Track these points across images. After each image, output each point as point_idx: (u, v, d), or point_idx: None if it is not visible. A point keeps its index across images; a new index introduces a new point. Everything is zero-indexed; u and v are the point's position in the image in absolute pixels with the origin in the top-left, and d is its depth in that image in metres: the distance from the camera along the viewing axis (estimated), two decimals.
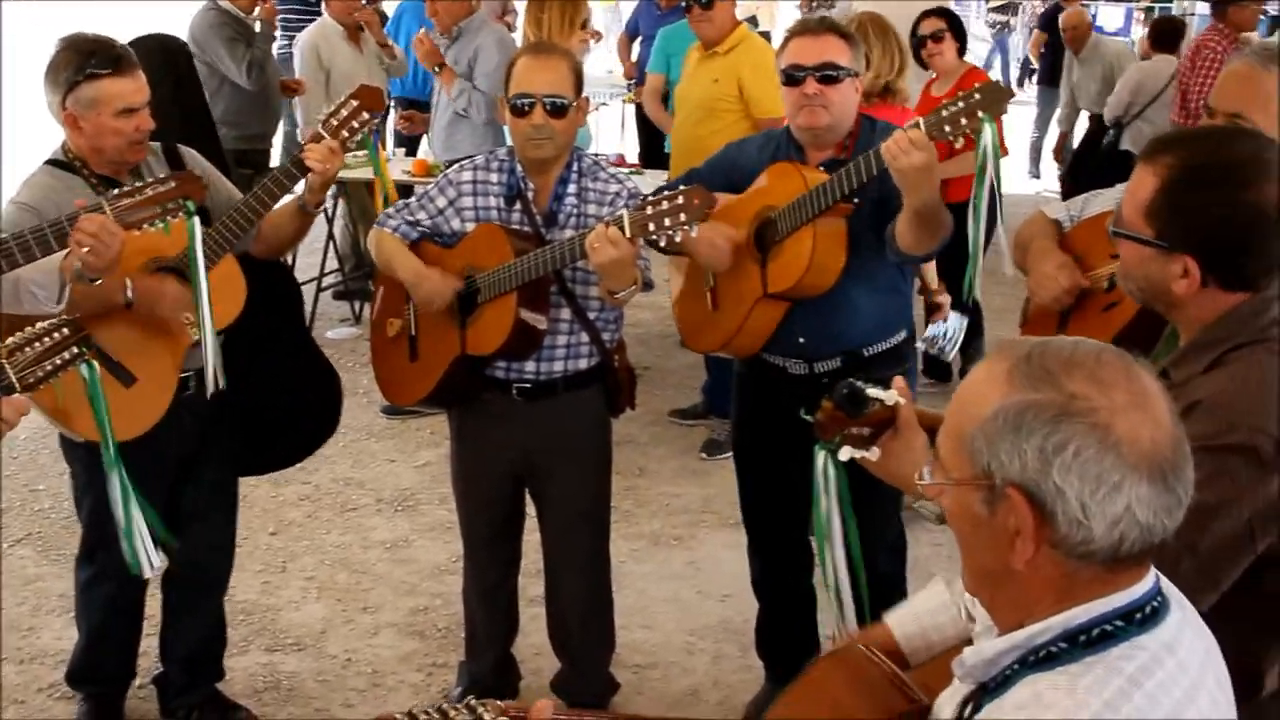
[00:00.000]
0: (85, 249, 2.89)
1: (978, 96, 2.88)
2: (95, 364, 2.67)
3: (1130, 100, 8.32)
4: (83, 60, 3.20)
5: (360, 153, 7.19)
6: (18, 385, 2.47)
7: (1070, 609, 1.42)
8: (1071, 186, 9.11)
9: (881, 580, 3.54)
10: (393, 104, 8.04)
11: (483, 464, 3.64)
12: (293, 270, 7.29)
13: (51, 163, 3.33)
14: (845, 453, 2.05)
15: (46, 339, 2.53)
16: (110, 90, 3.19)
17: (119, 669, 3.77)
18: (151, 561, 3.07)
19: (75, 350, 2.57)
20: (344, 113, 3.34)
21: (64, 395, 2.78)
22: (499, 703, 1.48)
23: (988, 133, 2.88)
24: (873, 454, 2.04)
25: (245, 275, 3.35)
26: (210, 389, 3.25)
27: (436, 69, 6.32)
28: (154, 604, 3.81)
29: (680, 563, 4.92)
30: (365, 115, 3.35)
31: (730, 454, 4.03)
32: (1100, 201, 3.03)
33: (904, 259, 3.30)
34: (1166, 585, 1.50)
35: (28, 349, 2.50)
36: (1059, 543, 1.40)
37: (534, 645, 4.11)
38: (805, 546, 3.86)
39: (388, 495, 5.44)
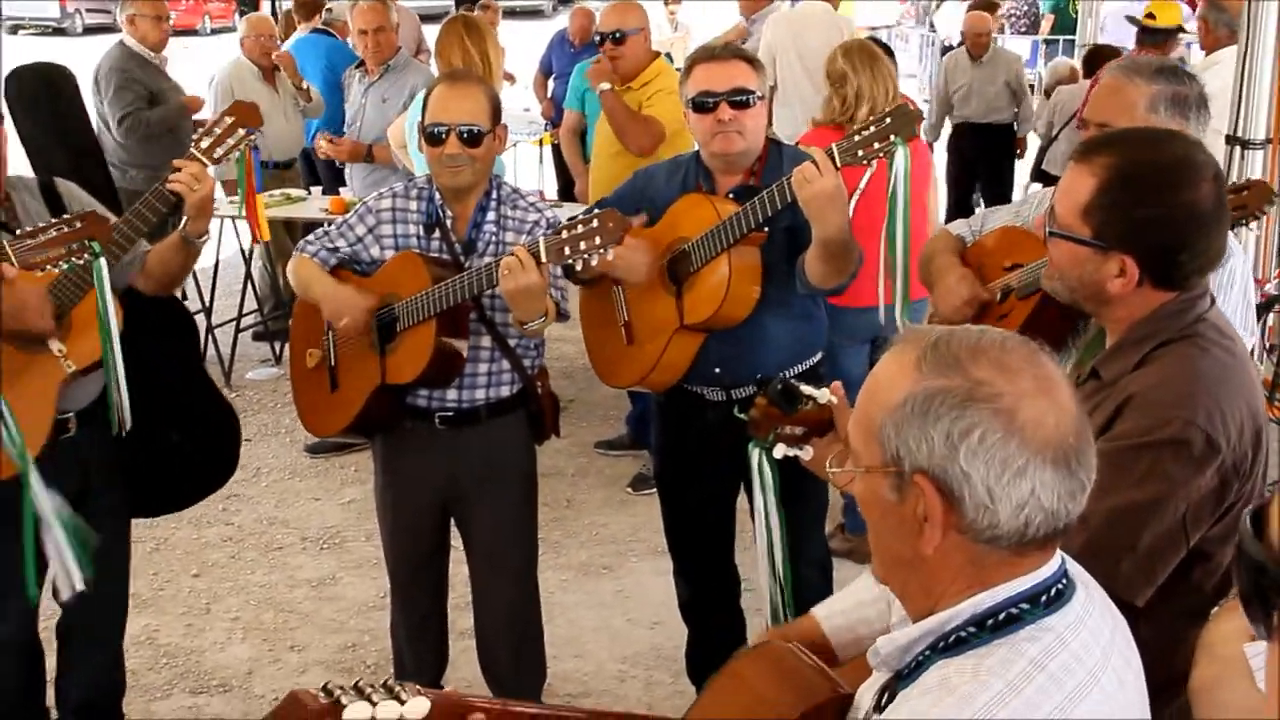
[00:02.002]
0: None
1: (889, 120, 2.90)
2: None
3: (1050, 120, 8.63)
4: None
5: (276, 192, 7.22)
6: None
7: (979, 594, 1.44)
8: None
9: (806, 594, 3.57)
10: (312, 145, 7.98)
11: (408, 494, 3.62)
12: (187, 308, 7.24)
13: None
14: (779, 450, 2.07)
15: None
16: None
17: (26, 717, 3.65)
18: (74, 580, 3.00)
19: None
20: (218, 130, 3.20)
21: None
22: (417, 686, 1.46)
23: (900, 155, 2.90)
24: (805, 453, 2.06)
25: (135, 312, 3.23)
26: (115, 428, 3.14)
27: (367, 155, 6.33)
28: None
29: (609, 591, 4.92)
30: (241, 132, 3.21)
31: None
32: (999, 217, 3.10)
33: (813, 292, 3.32)
34: (1073, 567, 1.53)
35: None
36: (966, 528, 1.42)
37: (464, 678, 4.08)
38: (732, 569, 3.89)
39: (313, 533, 5.39)
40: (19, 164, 3.33)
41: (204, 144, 3.20)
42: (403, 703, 1.42)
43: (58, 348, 3.09)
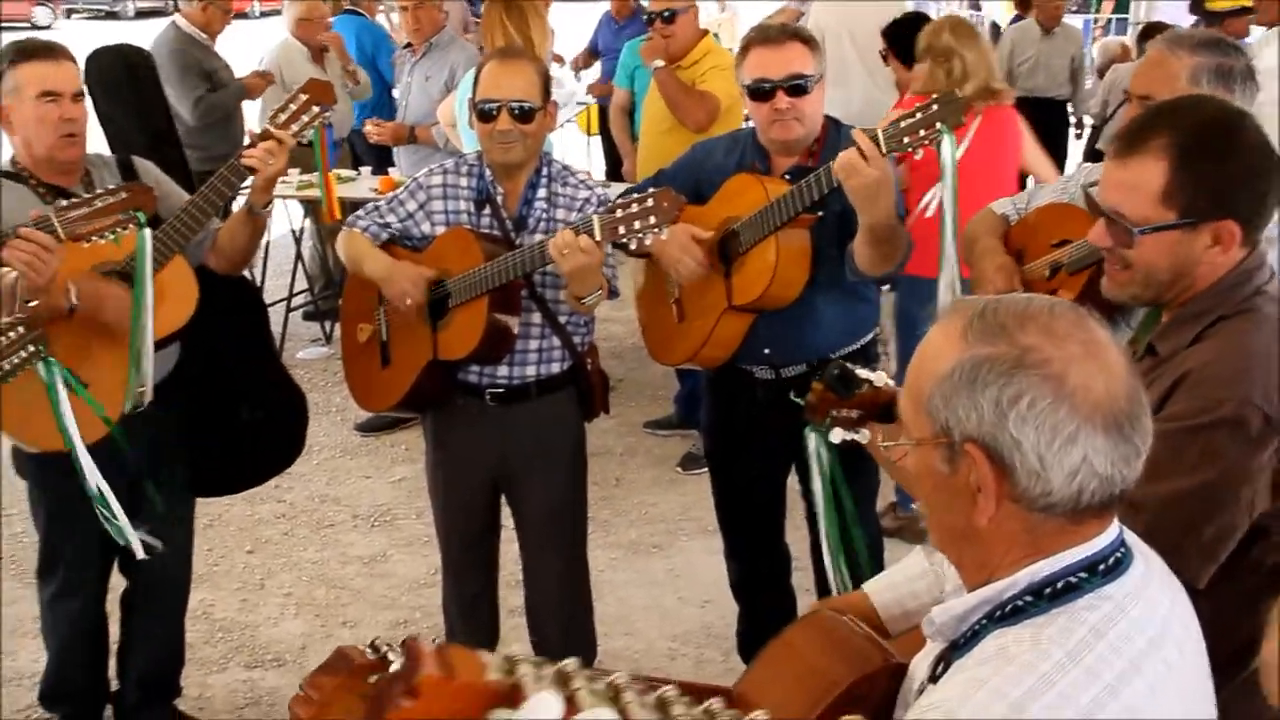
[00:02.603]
0: (23, 264, 2.85)
1: (935, 108, 2.84)
2: (54, 361, 2.63)
3: (1105, 100, 8.56)
4: (8, 51, 3.21)
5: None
6: None
7: (1036, 562, 1.43)
8: None
9: (856, 580, 3.57)
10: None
11: (459, 470, 3.62)
12: (259, 289, 7.32)
13: (0, 173, 3.29)
14: (837, 434, 2.06)
15: (3, 338, 2.49)
16: (30, 74, 3.16)
17: (89, 687, 3.71)
18: (133, 542, 3.06)
19: (33, 348, 2.54)
20: (293, 107, 3.28)
21: (16, 403, 2.72)
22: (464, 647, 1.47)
23: (947, 143, 2.85)
24: (862, 436, 2.06)
25: (207, 291, 3.30)
26: (130, 404, 3.17)
27: (409, 137, 6.37)
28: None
29: (660, 570, 4.92)
30: (315, 109, 3.29)
31: (706, 468, 4.02)
32: (1044, 194, 3.06)
33: (862, 278, 3.29)
34: (1130, 536, 1.51)
35: None
36: (1019, 496, 1.40)
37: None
38: (782, 548, 3.88)
39: (364, 511, 5.43)
40: (98, 144, 3.41)
41: (279, 120, 3.26)
42: None
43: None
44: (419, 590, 4.71)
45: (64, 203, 2.97)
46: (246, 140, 3.30)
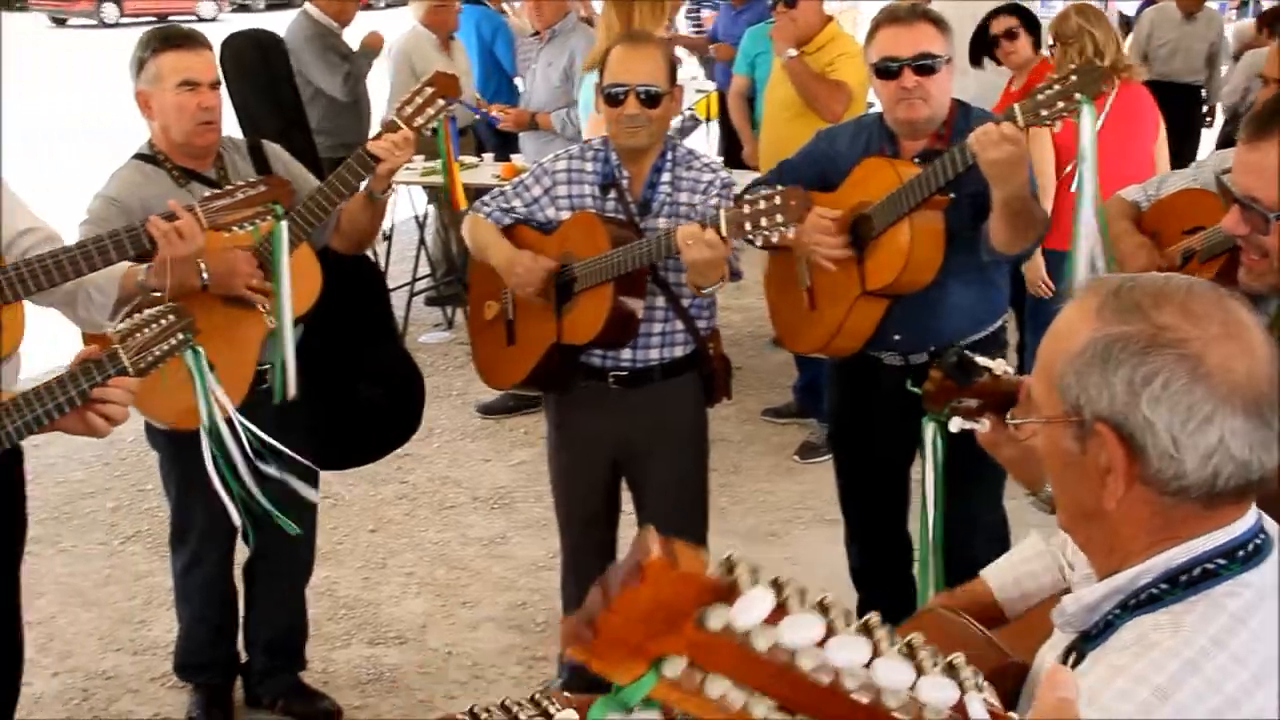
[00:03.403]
0: (161, 235, 2.93)
1: (1074, 78, 2.83)
2: (201, 350, 2.70)
3: (1245, 86, 8.27)
4: (150, 39, 3.30)
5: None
6: (131, 370, 2.51)
7: (1168, 549, 1.38)
8: None
9: (979, 567, 3.51)
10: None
11: (581, 452, 3.65)
12: (380, 269, 7.43)
13: (138, 156, 3.40)
14: (955, 424, 2.03)
15: (155, 325, 2.57)
16: (171, 63, 3.24)
17: (221, 657, 3.82)
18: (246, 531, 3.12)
19: (182, 336, 2.61)
20: (419, 100, 3.32)
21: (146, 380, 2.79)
22: (569, 695, 1.46)
23: (1086, 114, 2.83)
24: (982, 426, 2.02)
25: (330, 270, 3.37)
26: (278, 396, 3.26)
27: (531, 123, 6.43)
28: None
29: (777, 559, 4.89)
30: (441, 101, 3.32)
31: (825, 457, 3.99)
32: (1174, 181, 2.99)
33: (997, 258, 3.25)
34: (1270, 524, 1.46)
35: (138, 334, 2.54)
36: (1151, 479, 1.36)
37: None
38: (904, 537, 3.84)
39: (484, 493, 5.49)
40: (229, 127, 3.52)
41: (406, 113, 3.31)
42: (550, 717, 1.43)
43: (262, 303, 3.22)
44: (537, 573, 4.74)
45: (206, 194, 3.06)
46: (373, 130, 3.34)
